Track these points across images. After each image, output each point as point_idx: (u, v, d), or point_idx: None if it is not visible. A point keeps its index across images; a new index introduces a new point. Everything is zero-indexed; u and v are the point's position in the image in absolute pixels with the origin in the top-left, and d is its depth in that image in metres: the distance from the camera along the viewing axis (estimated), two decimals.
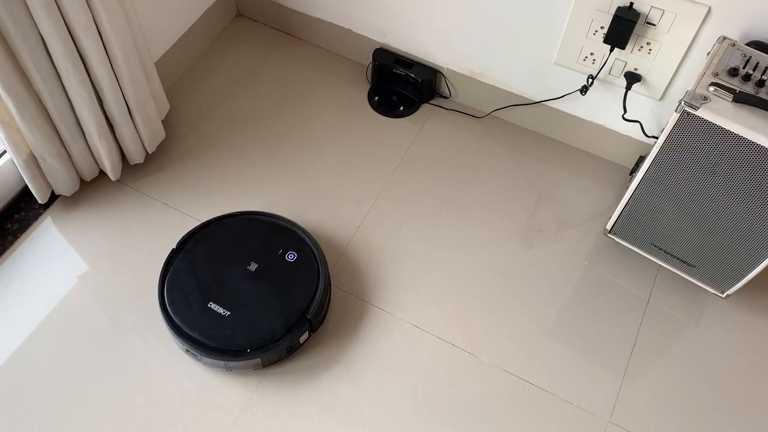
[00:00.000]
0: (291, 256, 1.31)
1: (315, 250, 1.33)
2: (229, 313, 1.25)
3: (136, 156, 1.47)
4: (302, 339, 1.27)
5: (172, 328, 1.24)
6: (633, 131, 1.49)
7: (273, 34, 1.79)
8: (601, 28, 1.32)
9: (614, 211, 1.35)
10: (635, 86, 1.38)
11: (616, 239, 1.40)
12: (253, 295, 1.27)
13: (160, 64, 1.57)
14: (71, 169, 1.40)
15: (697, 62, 1.28)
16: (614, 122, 1.50)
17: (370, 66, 1.69)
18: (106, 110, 1.35)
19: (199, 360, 1.24)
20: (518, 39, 1.44)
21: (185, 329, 1.23)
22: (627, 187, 1.31)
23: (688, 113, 1.07)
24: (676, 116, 1.09)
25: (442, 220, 1.48)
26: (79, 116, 1.31)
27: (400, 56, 1.64)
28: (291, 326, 1.24)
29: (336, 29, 1.68)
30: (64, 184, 1.40)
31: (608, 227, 1.38)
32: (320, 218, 1.47)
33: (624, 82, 1.38)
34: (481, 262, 1.43)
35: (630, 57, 1.33)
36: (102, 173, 1.49)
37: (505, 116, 1.64)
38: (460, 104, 1.67)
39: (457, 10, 1.46)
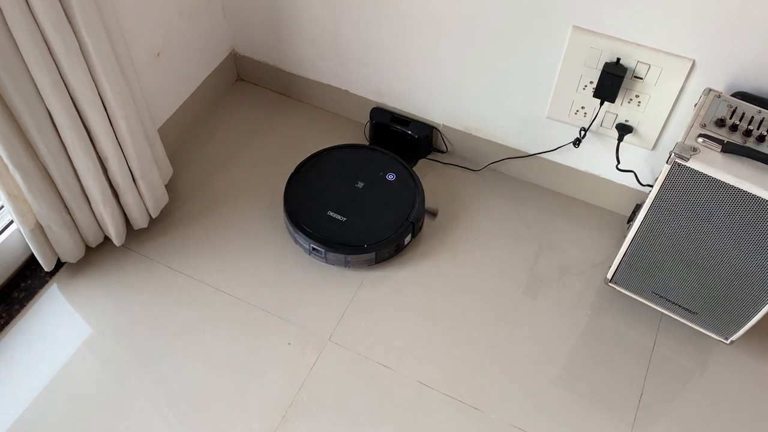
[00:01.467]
0: (391, 176, 1.55)
1: (411, 172, 1.57)
2: (345, 219, 1.49)
3: (140, 221, 1.49)
4: (406, 240, 1.51)
5: (300, 231, 1.47)
6: (628, 180, 1.51)
7: (273, 97, 1.83)
8: (591, 83, 1.35)
9: (614, 260, 1.36)
10: (627, 137, 1.41)
11: (618, 288, 1.41)
12: (364, 205, 1.51)
13: (163, 130, 1.61)
14: (77, 237, 1.42)
15: (686, 112, 1.32)
16: (609, 172, 1.53)
17: (368, 124, 1.73)
18: (111, 178, 1.38)
19: (323, 257, 1.47)
20: (510, 95, 1.48)
21: (311, 231, 1.46)
22: (625, 236, 1.32)
23: (679, 165, 1.09)
24: (667, 168, 1.11)
25: (445, 272, 1.50)
26: (84, 185, 1.34)
27: (397, 114, 1.68)
28: (398, 228, 1.47)
29: (333, 90, 1.73)
30: (70, 252, 1.43)
31: (609, 276, 1.39)
32: (323, 276, 1.49)
33: (616, 134, 1.41)
34: (485, 314, 1.44)
35: (620, 109, 1.37)
36: (107, 239, 1.51)
37: (502, 168, 1.67)
38: (457, 158, 1.70)
39: (450, 70, 1.50)
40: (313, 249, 1.47)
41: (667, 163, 1.11)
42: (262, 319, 1.42)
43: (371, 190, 1.53)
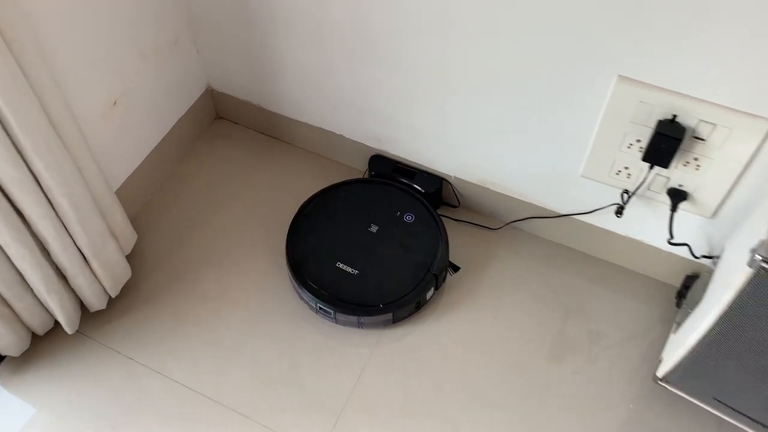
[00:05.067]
0: (409, 218, 1.34)
1: (433, 212, 1.35)
2: (357, 272, 1.28)
3: (96, 303, 1.26)
4: (428, 295, 1.29)
5: (305, 288, 1.25)
6: (678, 248, 1.27)
7: (257, 138, 1.59)
8: (638, 141, 1.10)
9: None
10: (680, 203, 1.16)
11: (669, 388, 1.17)
12: (378, 254, 1.30)
13: (125, 188, 1.37)
14: (18, 328, 1.18)
15: (760, 178, 1.06)
16: (654, 239, 1.28)
17: (366, 174, 1.48)
18: (56, 262, 1.15)
19: (333, 318, 1.26)
20: (536, 149, 1.24)
21: (318, 288, 1.25)
22: (676, 311, 1.09)
23: (765, 270, 0.85)
24: (748, 272, 0.86)
25: (463, 340, 1.26)
26: (22, 274, 1.11)
27: (400, 164, 1.43)
28: (418, 281, 1.26)
29: (326, 134, 1.48)
30: (11, 345, 1.19)
31: (660, 375, 1.15)
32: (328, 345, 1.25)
33: (665, 199, 1.16)
34: (509, 387, 1.20)
35: (673, 172, 1.12)
36: (58, 323, 1.28)
37: (524, 226, 1.42)
38: (472, 214, 1.45)
39: (461, 118, 1.26)
40: (320, 309, 1.27)
41: (748, 266, 0.86)
42: (242, 427, 1.18)
43: (387, 234, 1.32)
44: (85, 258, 1.19)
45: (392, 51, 1.21)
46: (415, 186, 1.40)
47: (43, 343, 1.27)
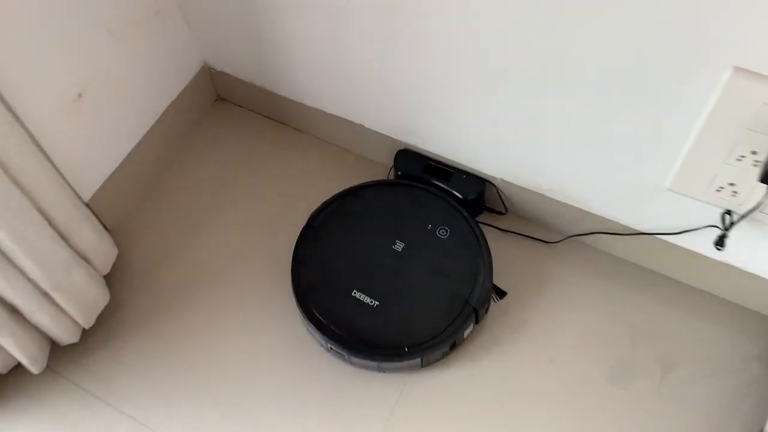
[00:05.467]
0: (443, 232, 1.08)
1: (473, 225, 1.08)
2: (377, 303, 1.03)
3: (66, 337, 1.05)
4: (466, 333, 1.05)
5: (313, 323, 1.02)
6: None
7: (263, 125, 1.33)
8: (753, 153, 0.81)
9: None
10: None
11: None
12: (404, 280, 1.06)
13: (101, 195, 1.13)
14: None
15: None
16: (759, 267, 1.00)
17: (391, 173, 1.22)
18: (5, 301, 0.94)
19: (347, 360, 1.04)
20: (611, 152, 0.96)
21: (327, 323, 1.02)
22: None
23: None
24: None
25: (506, 386, 1.02)
26: None
27: (433, 161, 1.17)
28: (454, 317, 1.01)
29: (343, 123, 1.22)
30: None
31: None
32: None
33: None
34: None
35: None
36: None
37: (588, 240, 1.15)
38: (522, 224, 1.18)
39: (513, 106, 0.98)
40: (331, 349, 1.04)
41: None
42: None
43: (415, 254, 1.07)
44: (45, 293, 0.97)
45: (425, 24, 0.93)
46: (452, 191, 1.14)
47: (7, 383, 1.08)
